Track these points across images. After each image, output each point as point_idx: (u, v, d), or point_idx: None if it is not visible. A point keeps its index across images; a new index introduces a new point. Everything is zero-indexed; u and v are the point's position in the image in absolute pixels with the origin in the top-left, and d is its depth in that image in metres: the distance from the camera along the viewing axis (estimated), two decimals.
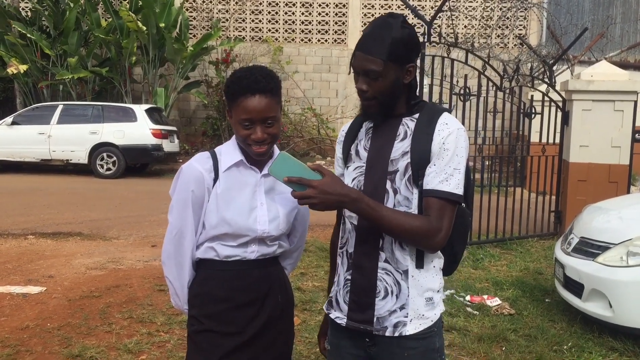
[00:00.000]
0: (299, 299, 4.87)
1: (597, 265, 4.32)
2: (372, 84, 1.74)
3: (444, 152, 1.72)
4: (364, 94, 1.77)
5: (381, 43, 1.71)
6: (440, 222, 1.70)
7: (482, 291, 5.35)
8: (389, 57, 1.71)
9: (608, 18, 16.54)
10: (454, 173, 1.72)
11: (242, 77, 1.91)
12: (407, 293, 1.76)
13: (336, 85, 17.61)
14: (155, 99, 15.51)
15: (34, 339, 4.00)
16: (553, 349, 4.09)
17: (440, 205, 1.71)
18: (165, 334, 4.15)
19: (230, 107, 1.95)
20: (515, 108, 7.88)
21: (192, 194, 1.95)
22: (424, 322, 1.78)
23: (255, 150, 1.93)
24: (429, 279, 1.79)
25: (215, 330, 2.00)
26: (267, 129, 1.91)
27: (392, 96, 1.77)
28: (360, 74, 1.76)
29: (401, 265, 1.76)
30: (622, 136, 7.27)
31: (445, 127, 1.74)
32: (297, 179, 1.66)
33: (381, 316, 1.78)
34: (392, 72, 1.73)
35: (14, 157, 13.63)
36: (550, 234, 7.71)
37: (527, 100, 8.07)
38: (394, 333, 1.77)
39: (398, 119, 1.81)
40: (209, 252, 2.01)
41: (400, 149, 1.76)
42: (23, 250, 6.50)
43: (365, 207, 1.68)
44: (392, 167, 1.76)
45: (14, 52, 15.27)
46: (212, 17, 17.33)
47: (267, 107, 1.89)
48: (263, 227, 1.99)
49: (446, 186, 1.71)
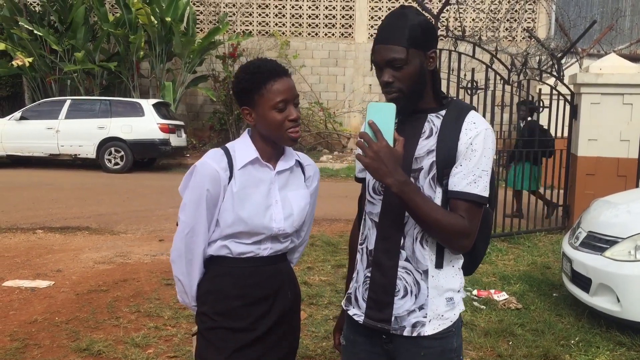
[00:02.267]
0: (305, 294, 4.87)
1: (605, 259, 4.29)
2: (396, 74, 1.70)
3: (472, 152, 1.69)
4: (390, 87, 1.71)
5: (400, 31, 1.68)
6: (471, 224, 1.69)
7: (489, 285, 5.33)
8: (410, 43, 1.68)
9: (617, 10, 16.40)
10: (482, 175, 1.70)
11: (262, 65, 1.92)
12: (427, 293, 1.74)
13: (343, 79, 17.56)
14: (162, 94, 15.54)
15: (42, 333, 4.03)
16: (560, 344, 4.08)
17: (468, 207, 1.69)
18: (172, 328, 4.16)
19: (254, 99, 1.91)
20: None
21: (208, 192, 1.92)
22: (443, 323, 1.76)
23: (292, 135, 1.92)
24: (449, 278, 1.77)
25: (227, 327, 1.99)
26: (296, 109, 1.93)
27: (418, 85, 1.73)
28: (384, 65, 1.71)
29: (421, 264, 1.74)
30: (631, 130, 7.22)
31: (473, 127, 1.71)
32: (377, 129, 1.62)
33: (399, 315, 1.76)
34: (416, 59, 1.70)
35: (22, 152, 13.70)
36: (558, 228, 7.68)
37: (535, 93, 8.02)
38: (412, 333, 1.75)
39: (423, 115, 1.77)
40: (222, 250, 1.99)
41: (426, 146, 1.73)
42: (31, 245, 6.54)
43: (408, 192, 1.63)
44: (416, 164, 1.73)
45: (21, 47, 15.33)
46: (219, 11, 17.33)
47: (293, 86, 1.94)
48: (279, 225, 1.98)
49: (474, 188, 1.69)
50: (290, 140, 1.93)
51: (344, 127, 17.38)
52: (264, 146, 1.99)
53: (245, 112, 1.97)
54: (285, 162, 2.03)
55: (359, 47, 17.22)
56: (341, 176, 13.33)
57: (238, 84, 1.95)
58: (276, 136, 1.94)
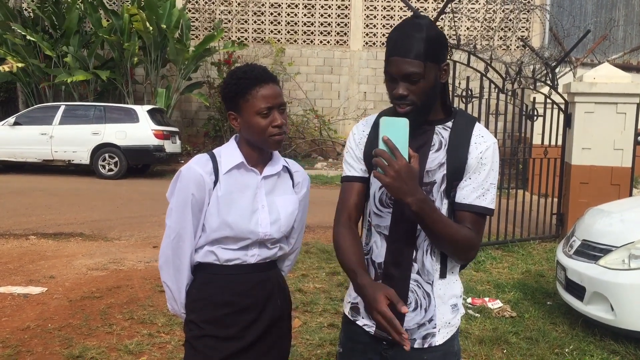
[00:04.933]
0: (300, 301, 4.86)
1: (599, 268, 4.30)
2: (412, 88, 1.68)
3: (482, 166, 1.71)
4: (403, 100, 1.69)
5: (417, 45, 1.65)
6: (478, 235, 1.72)
7: (483, 293, 5.33)
8: (428, 57, 1.66)
9: (611, 20, 16.52)
10: (490, 188, 1.73)
11: (249, 71, 1.93)
12: (435, 304, 1.76)
13: (338, 86, 17.60)
14: (157, 100, 15.52)
15: (34, 340, 4.00)
16: (554, 352, 4.08)
17: (475, 219, 1.72)
18: (166, 335, 4.14)
19: (240, 103, 1.92)
20: (518, 110, 7.88)
21: (193, 197, 1.92)
22: (450, 330, 1.79)
23: (276, 139, 1.92)
24: (451, 285, 1.80)
25: (215, 335, 1.98)
26: (282, 115, 1.93)
27: (431, 98, 1.72)
28: (400, 79, 1.68)
29: (430, 276, 1.75)
30: (625, 139, 7.26)
31: (482, 140, 1.73)
32: (393, 146, 1.57)
33: (410, 328, 1.76)
34: (432, 73, 1.69)
35: (16, 158, 13.64)
36: (552, 237, 7.69)
37: (530, 102, 8.06)
38: (423, 345, 1.76)
39: (431, 128, 1.77)
40: (209, 256, 1.98)
41: (436, 160, 1.73)
42: (24, 251, 6.50)
43: (427, 209, 1.62)
44: (427, 178, 1.73)
45: (15, 53, 15.28)
46: (215, 18, 17.35)
47: (280, 93, 1.94)
48: (265, 230, 1.97)
49: (483, 201, 1.72)
50: (274, 143, 1.94)
51: (339, 135, 17.39)
52: (250, 151, 1.99)
53: (231, 117, 1.98)
54: (272, 168, 2.03)
55: (354, 54, 17.27)
56: (336, 183, 13.32)
57: (225, 88, 1.97)
58: (260, 141, 1.94)
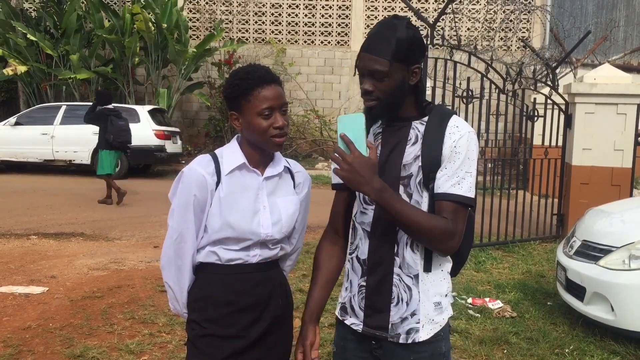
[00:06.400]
0: (300, 301, 4.86)
1: (599, 268, 4.31)
2: (377, 84, 1.72)
3: (456, 155, 1.71)
4: (369, 95, 1.74)
5: (387, 43, 1.69)
6: (455, 225, 1.70)
7: (483, 294, 5.34)
8: (395, 57, 1.69)
9: (611, 21, 16.52)
10: (466, 176, 1.72)
11: (251, 71, 1.93)
12: (418, 298, 1.76)
13: (339, 87, 17.62)
14: (158, 100, 15.53)
15: (35, 339, 4.01)
16: (555, 352, 4.09)
17: (454, 208, 1.70)
18: (167, 335, 4.15)
19: (241, 104, 1.92)
20: (518, 111, 7.88)
21: (195, 198, 1.92)
22: (434, 327, 1.78)
23: (276, 141, 1.92)
24: (437, 282, 1.79)
25: (217, 334, 1.99)
26: (283, 117, 1.93)
27: (397, 97, 1.75)
28: (366, 74, 1.73)
29: (412, 269, 1.76)
30: (625, 139, 7.26)
31: (456, 130, 1.73)
32: (348, 140, 1.65)
33: (394, 323, 1.78)
34: (398, 73, 1.71)
35: (17, 158, 13.65)
36: (553, 237, 7.69)
37: (530, 103, 8.06)
38: (407, 340, 1.76)
39: (408, 123, 1.79)
40: (211, 256, 1.99)
41: (412, 153, 1.75)
42: (26, 251, 6.51)
43: (387, 198, 1.65)
44: (404, 171, 1.75)
45: (17, 53, 15.29)
46: (215, 18, 17.36)
47: (282, 94, 1.94)
48: (266, 231, 1.98)
49: (458, 189, 1.71)
50: (275, 145, 1.94)
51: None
52: (252, 152, 1.99)
53: (233, 117, 1.98)
54: (274, 168, 2.03)
55: (355, 55, 17.06)
56: None
57: (227, 88, 1.97)
58: (261, 142, 1.94)
